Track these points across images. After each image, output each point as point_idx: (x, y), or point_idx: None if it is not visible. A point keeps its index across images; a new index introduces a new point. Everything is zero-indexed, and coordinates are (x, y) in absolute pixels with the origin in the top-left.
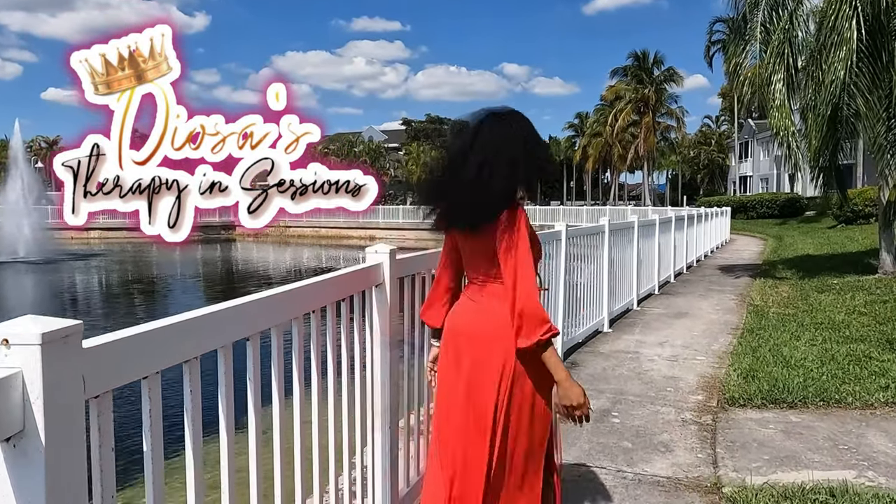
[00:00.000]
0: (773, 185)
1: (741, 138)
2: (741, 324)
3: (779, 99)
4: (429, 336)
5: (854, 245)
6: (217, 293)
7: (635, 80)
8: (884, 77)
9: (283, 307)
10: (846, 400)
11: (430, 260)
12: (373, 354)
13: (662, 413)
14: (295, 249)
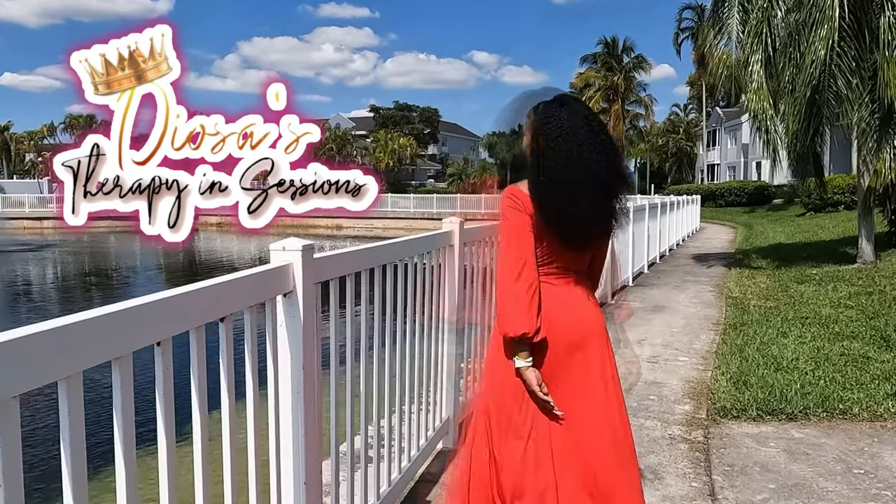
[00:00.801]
0: (741, 173)
1: (709, 126)
2: (722, 318)
3: (756, 81)
4: (514, 354)
5: (825, 233)
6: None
7: (605, 68)
8: (867, 57)
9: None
10: (852, 410)
11: (363, 256)
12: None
13: (647, 428)
14: (260, 239)
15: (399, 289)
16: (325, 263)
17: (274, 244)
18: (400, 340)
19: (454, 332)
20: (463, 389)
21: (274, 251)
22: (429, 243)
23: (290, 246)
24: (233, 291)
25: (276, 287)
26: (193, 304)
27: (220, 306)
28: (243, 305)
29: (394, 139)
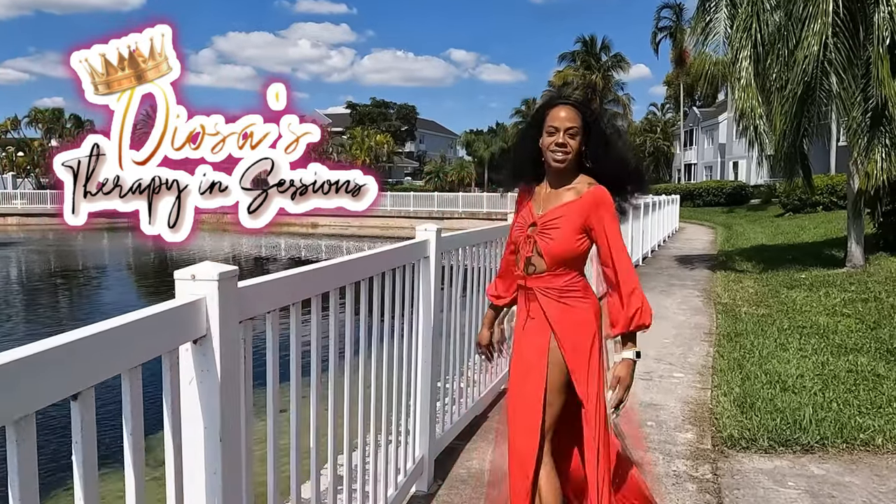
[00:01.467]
0: (717, 173)
1: (686, 126)
2: (714, 327)
3: (745, 78)
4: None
5: (807, 234)
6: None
7: (583, 66)
8: (860, 54)
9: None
10: (874, 441)
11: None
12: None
13: (648, 463)
14: (233, 238)
15: (363, 309)
16: (255, 294)
17: (180, 271)
18: (364, 365)
19: (429, 354)
20: (440, 417)
21: (180, 281)
22: (398, 257)
23: (202, 274)
24: (103, 349)
25: (182, 332)
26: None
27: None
28: (122, 367)
29: (370, 136)
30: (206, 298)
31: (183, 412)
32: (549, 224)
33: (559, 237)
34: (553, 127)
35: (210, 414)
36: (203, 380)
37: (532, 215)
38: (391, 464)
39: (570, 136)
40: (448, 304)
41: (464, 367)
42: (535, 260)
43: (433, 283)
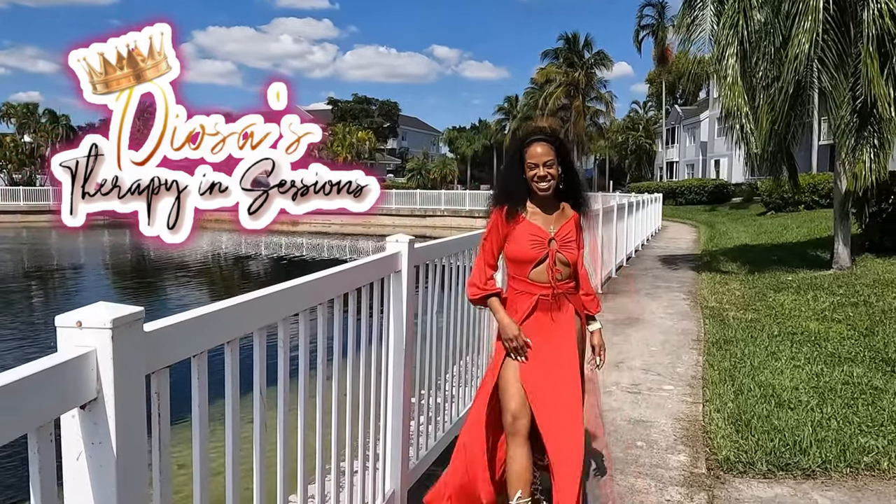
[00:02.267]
0: (699, 170)
1: (668, 124)
2: (702, 333)
3: (731, 76)
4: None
5: (791, 234)
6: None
7: (566, 64)
8: (850, 52)
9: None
10: (880, 465)
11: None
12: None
13: (640, 491)
14: (213, 236)
15: (320, 333)
16: (171, 338)
17: (62, 317)
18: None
19: (400, 378)
20: (414, 440)
21: (63, 329)
22: (365, 274)
23: (90, 320)
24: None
25: (63, 398)
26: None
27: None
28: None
29: (352, 133)
30: (97, 351)
31: (67, 498)
32: (567, 238)
33: (576, 247)
34: (532, 163)
35: (103, 496)
36: (93, 454)
37: (544, 233)
38: (357, 501)
39: (547, 167)
40: (422, 314)
41: (441, 381)
42: (562, 269)
43: (405, 300)
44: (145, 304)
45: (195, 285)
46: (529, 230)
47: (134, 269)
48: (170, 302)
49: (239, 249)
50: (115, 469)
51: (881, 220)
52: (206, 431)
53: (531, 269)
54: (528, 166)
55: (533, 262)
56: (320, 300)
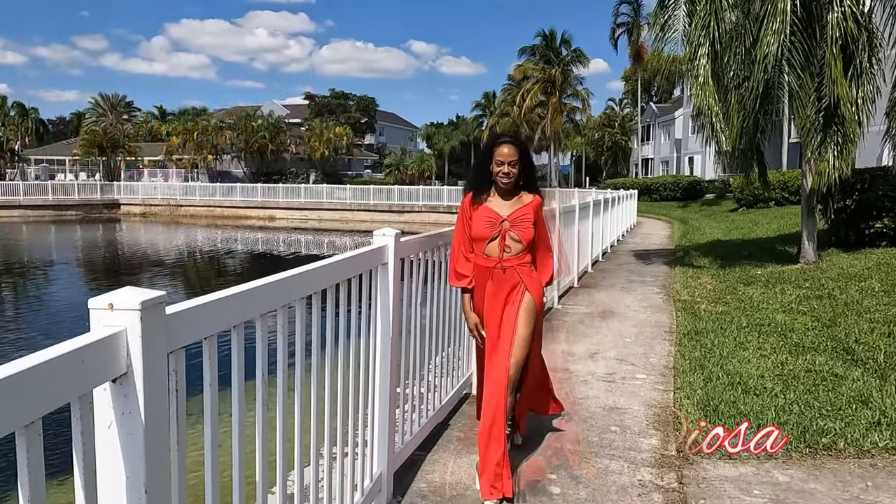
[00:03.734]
0: (673, 167)
1: (643, 121)
2: (674, 325)
3: (703, 76)
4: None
5: (762, 230)
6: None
7: (543, 60)
8: (815, 53)
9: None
10: (836, 445)
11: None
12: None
13: (613, 472)
14: (188, 230)
15: (314, 321)
16: (187, 320)
17: (94, 300)
18: (317, 378)
19: (387, 367)
20: (400, 426)
21: (96, 311)
22: (354, 266)
23: (121, 302)
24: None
25: (97, 372)
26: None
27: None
28: (16, 424)
29: (329, 128)
30: (127, 331)
31: (100, 462)
32: (520, 219)
33: (529, 228)
34: (499, 160)
35: (133, 462)
36: (124, 423)
37: (498, 215)
38: (347, 482)
39: (511, 165)
40: (407, 306)
41: (424, 371)
42: (513, 245)
43: (392, 291)
44: None
45: (171, 281)
46: (486, 213)
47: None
48: None
49: (215, 245)
50: (143, 436)
51: (846, 216)
52: (216, 406)
53: (486, 245)
54: (495, 162)
55: (486, 240)
56: (315, 289)
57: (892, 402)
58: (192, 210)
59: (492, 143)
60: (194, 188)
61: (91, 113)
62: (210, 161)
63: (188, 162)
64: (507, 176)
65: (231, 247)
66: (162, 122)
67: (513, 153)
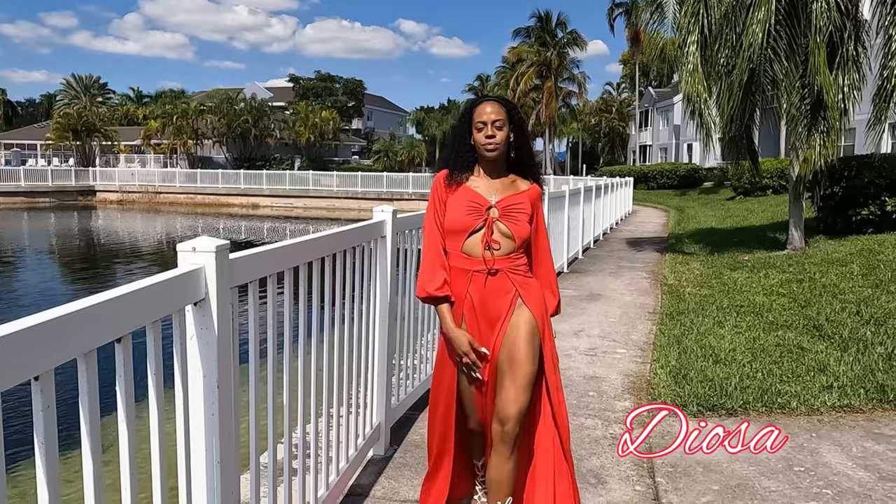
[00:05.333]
0: (672, 154)
1: (642, 107)
2: (658, 307)
3: (692, 63)
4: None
5: (755, 218)
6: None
7: (538, 43)
8: (800, 42)
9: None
10: (790, 404)
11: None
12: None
13: (588, 428)
14: (167, 218)
15: (327, 285)
16: (243, 264)
17: (182, 244)
18: (328, 338)
19: (385, 328)
20: (395, 390)
21: (182, 252)
22: (360, 235)
23: (201, 246)
24: (132, 305)
25: (186, 295)
26: (81, 327)
27: (115, 325)
28: (146, 321)
29: (315, 112)
30: (205, 267)
31: (188, 364)
32: (513, 208)
33: (524, 221)
34: (481, 122)
35: (208, 365)
36: (202, 336)
37: (484, 199)
38: (352, 429)
39: (496, 128)
40: (402, 285)
41: (417, 345)
42: (502, 241)
43: (389, 263)
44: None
45: (150, 268)
46: (467, 196)
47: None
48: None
49: (196, 234)
50: (217, 346)
51: (833, 203)
52: (257, 342)
53: (465, 240)
54: (475, 126)
55: (466, 232)
56: (331, 251)
57: (845, 370)
58: (172, 197)
59: (471, 104)
60: (174, 174)
61: (63, 95)
62: (190, 146)
63: (167, 147)
64: (492, 140)
65: (213, 236)
66: (138, 105)
67: (498, 111)
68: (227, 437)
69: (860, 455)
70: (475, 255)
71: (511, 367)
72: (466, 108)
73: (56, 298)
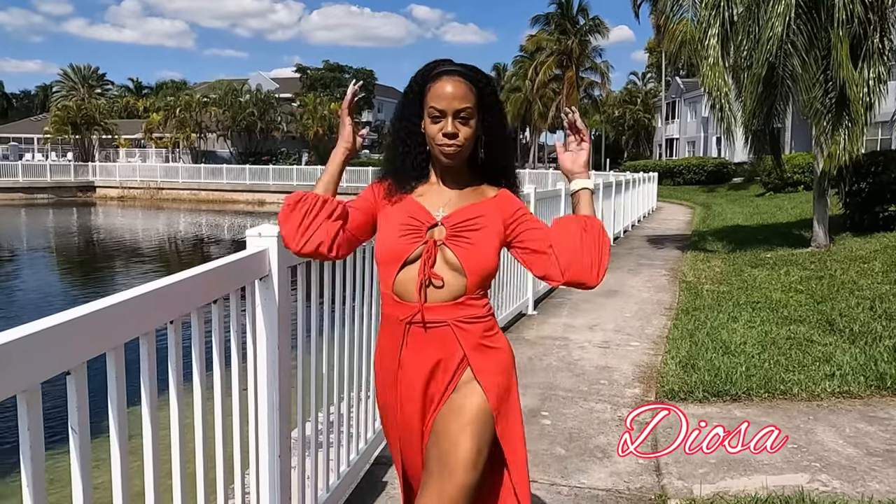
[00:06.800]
0: (700, 148)
1: (668, 98)
2: (675, 303)
3: (712, 56)
4: None
5: (784, 215)
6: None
7: (558, 30)
8: (821, 36)
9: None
10: (791, 391)
11: None
12: (256, 364)
13: (597, 411)
14: (170, 216)
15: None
16: None
17: (250, 230)
18: (358, 326)
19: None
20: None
21: (250, 237)
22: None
23: (265, 232)
24: (219, 277)
25: (253, 272)
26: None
27: (206, 292)
28: (230, 289)
29: (324, 104)
30: (269, 249)
31: (255, 329)
32: (466, 225)
33: (481, 242)
34: (438, 109)
35: (271, 329)
36: (265, 305)
37: (426, 215)
38: (373, 412)
39: (461, 121)
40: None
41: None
42: (448, 276)
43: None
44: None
45: (160, 273)
46: (407, 209)
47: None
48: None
49: (199, 231)
50: (278, 314)
51: (860, 199)
52: (306, 315)
53: (397, 274)
54: (428, 113)
55: (399, 261)
56: None
57: (848, 359)
58: (175, 193)
59: (425, 74)
60: (177, 169)
61: (60, 86)
62: (193, 140)
63: (169, 141)
64: (453, 141)
65: (217, 234)
66: (138, 96)
67: (465, 94)
68: (285, 385)
69: (852, 435)
70: (408, 297)
71: (440, 471)
72: (418, 80)
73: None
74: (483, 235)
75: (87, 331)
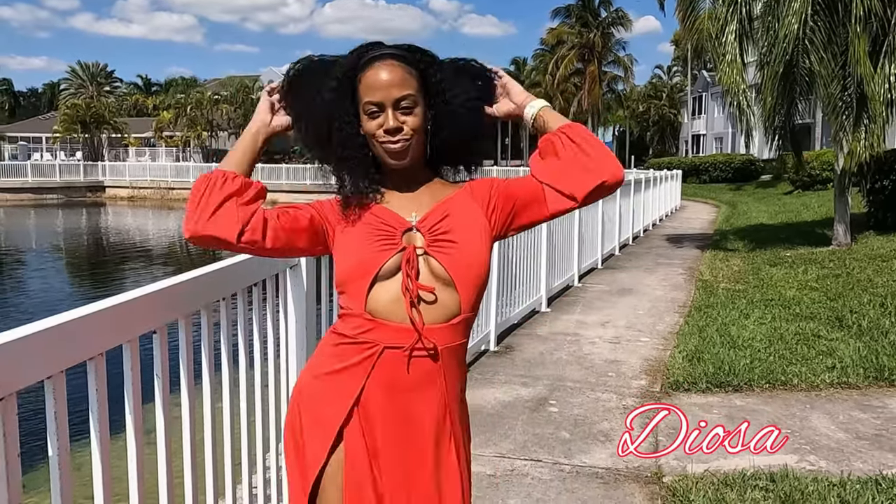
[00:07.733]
0: (728, 145)
1: (694, 92)
2: (689, 301)
3: (730, 53)
4: None
5: (810, 213)
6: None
7: (580, 23)
8: (839, 32)
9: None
10: (791, 381)
11: None
12: (287, 348)
13: (603, 400)
14: (180, 216)
15: None
16: None
17: None
18: None
19: None
20: None
21: None
22: None
23: None
24: (255, 266)
25: (286, 260)
26: (230, 276)
27: (245, 278)
28: (268, 274)
29: None
30: None
31: (287, 310)
32: (444, 225)
33: (468, 242)
34: (373, 103)
35: (300, 309)
36: (295, 290)
37: (398, 219)
38: None
39: (404, 111)
40: None
41: None
42: (441, 293)
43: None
44: None
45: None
46: (374, 216)
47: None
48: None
49: None
50: (305, 295)
51: (883, 197)
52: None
53: (370, 290)
54: (364, 109)
55: (371, 274)
56: None
57: (850, 352)
58: (185, 194)
59: (354, 62)
60: (188, 169)
61: (68, 84)
62: (205, 139)
63: (180, 140)
64: (397, 135)
65: None
66: (147, 94)
67: (403, 79)
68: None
69: (844, 421)
70: (393, 316)
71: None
72: (348, 69)
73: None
74: (468, 234)
75: (145, 310)
